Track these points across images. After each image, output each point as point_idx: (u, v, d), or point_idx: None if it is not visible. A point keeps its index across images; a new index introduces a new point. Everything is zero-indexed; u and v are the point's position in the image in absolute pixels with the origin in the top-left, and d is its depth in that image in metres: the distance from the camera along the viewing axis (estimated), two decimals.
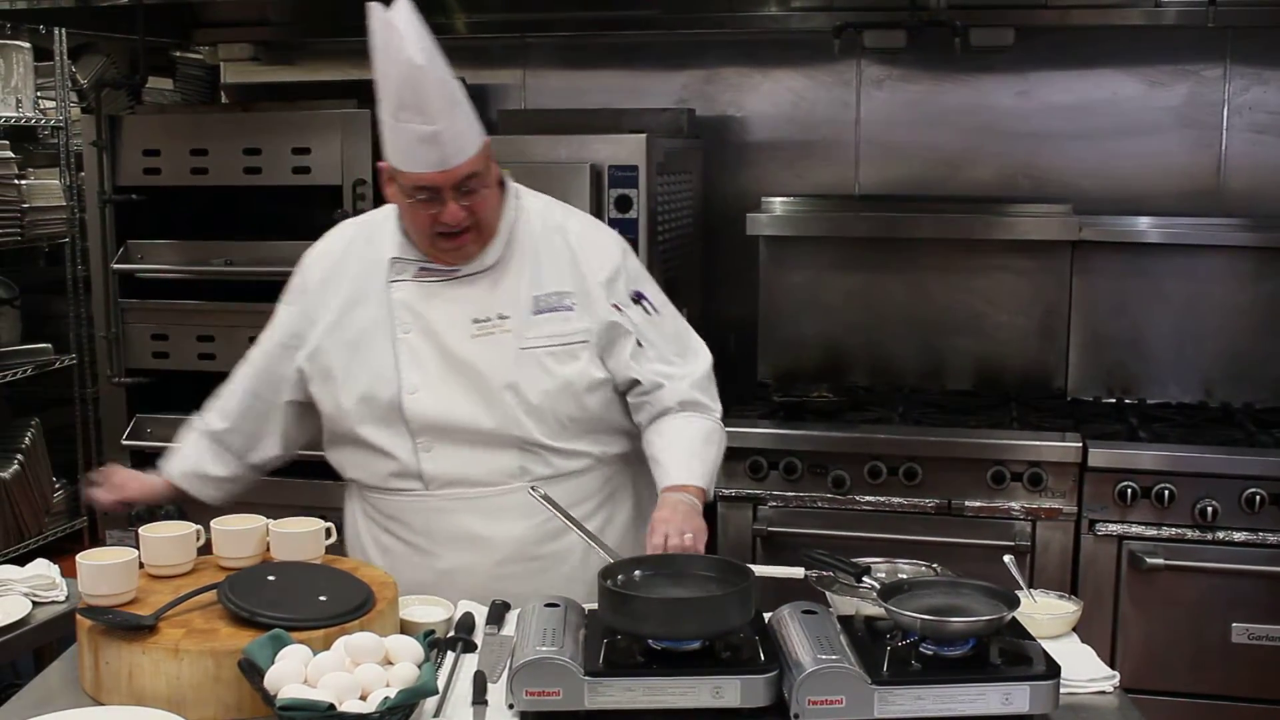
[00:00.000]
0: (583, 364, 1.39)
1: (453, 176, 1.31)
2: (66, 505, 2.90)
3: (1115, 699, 1.16)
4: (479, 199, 1.34)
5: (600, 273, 1.41)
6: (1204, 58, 2.33)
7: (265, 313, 2.23)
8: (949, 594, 1.15)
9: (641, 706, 1.06)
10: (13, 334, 2.77)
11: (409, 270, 1.40)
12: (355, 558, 1.49)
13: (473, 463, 1.38)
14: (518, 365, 1.37)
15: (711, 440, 1.41)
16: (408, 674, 1.07)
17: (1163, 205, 2.35)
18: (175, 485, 1.52)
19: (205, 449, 1.51)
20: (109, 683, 1.13)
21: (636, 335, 1.41)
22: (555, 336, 1.38)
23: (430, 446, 1.38)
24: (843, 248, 2.42)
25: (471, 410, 1.37)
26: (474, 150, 1.32)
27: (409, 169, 1.31)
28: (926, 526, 2.03)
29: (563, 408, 1.38)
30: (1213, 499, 1.94)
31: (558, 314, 1.39)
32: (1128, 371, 2.37)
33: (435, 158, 1.30)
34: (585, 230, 1.46)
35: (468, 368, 1.37)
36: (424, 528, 1.41)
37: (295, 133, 2.15)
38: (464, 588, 1.36)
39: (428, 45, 1.29)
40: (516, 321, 1.38)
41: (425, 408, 1.37)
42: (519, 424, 1.37)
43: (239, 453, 1.50)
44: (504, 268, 1.40)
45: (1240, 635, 1.95)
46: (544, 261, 1.40)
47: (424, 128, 1.28)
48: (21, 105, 2.71)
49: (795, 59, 2.48)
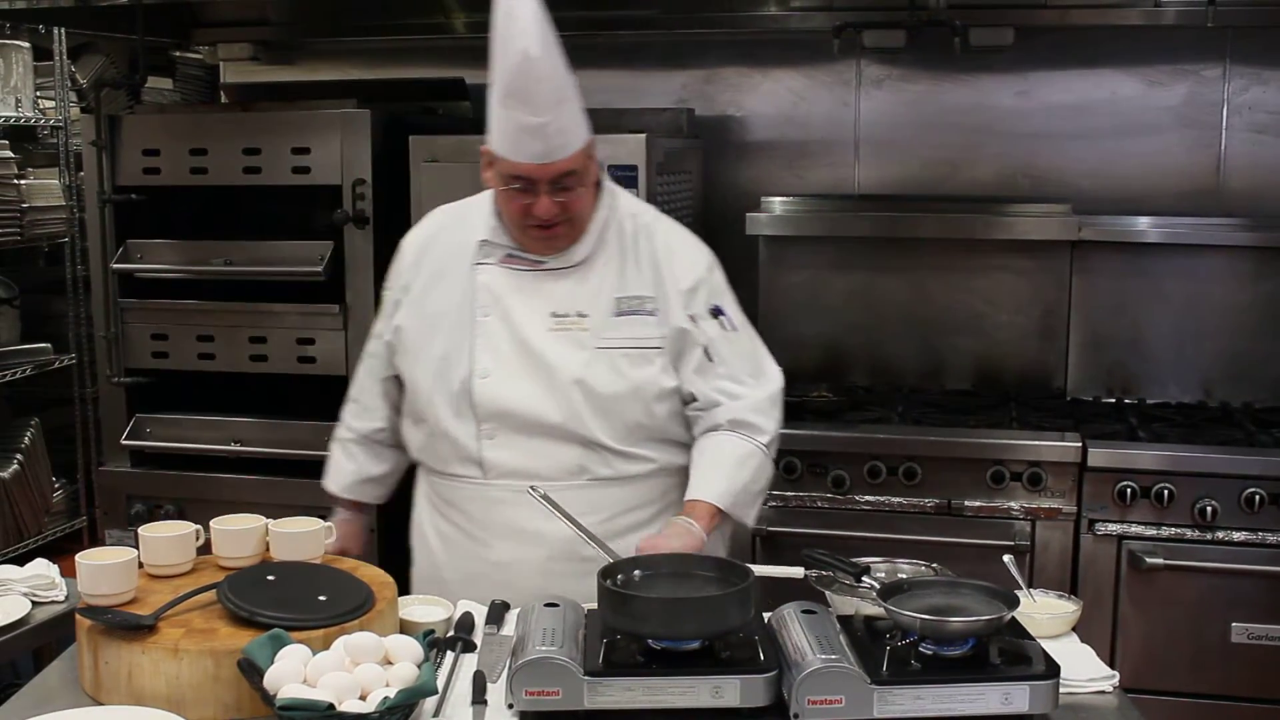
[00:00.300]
0: (655, 370, 1.39)
1: (550, 171, 1.31)
2: (66, 505, 2.90)
3: (1115, 699, 1.16)
4: (573, 196, 1.35)
5: (682, 281, 1.41)
6: (1203, 57, 2.33)
7: (265, 313, 2.26)
8: (948, 594, 1.15)
9: (641, 706, 1.06)
10: (12, 334, 2.77)
11: (496, 255, 1.41)
12: (418, 542, 1.50)
13: (533, 455, 1.38)
14: (590, 363, 1.37)
15: (746, 464, 1.40)
16: (407, 674, 1.07)
17: (1162, 205, 2.35)
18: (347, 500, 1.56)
19: (360, 454, 1.55)
20: (108, 682, 1.13)
21: (708, 349, 1.40)
22: (632, 339, 1.38)
23: (494, 434, 1.39)
24: (842, 247, 2.42)
25: (538, 401, 1.37)
26: (575, 148, 1.33)
27: (509, 157, 1.32)
28: (926, 526, 2.03)
29: (630, 411, 1.38)
30: (1212, 499, 1.94)
31: (638, 317, 1.39)
32: (1127, 371, 2.38)
33: (536, 150, 1.30)
34: (674, 238, 1.45)
35: (540, 359, 1.38)
36: (479, 516, 1.41)
37: (295, 132, 2.15)
38: (513, 582, 1.35)
39: (545, 38, 1.29)
40: (595, 321, 1.39)
41: (493, 393, 1.38)
42: (583, 421, 1.37)
43: (390, 443, 1.53)
44: (590, 266, 1.40)
45: (1240, 635, 1.95)
46: (630, 264, 1.41)
47: (529, 119, 1.29)
48: (21, 105, 2.70)
49: (795, 59, 2.49)
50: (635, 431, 1.39)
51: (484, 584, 1.36)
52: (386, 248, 2.18)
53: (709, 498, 1.36)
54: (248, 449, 2.23)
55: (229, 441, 2.25)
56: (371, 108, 2.15)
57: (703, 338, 1.41)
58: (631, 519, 1.39)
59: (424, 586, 1.47)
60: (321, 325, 2.20)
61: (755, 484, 1.42)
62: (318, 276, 2.14)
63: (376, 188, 2.15)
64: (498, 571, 1.39)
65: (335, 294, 2.19)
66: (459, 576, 1.42)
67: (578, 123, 1.33)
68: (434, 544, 1.47)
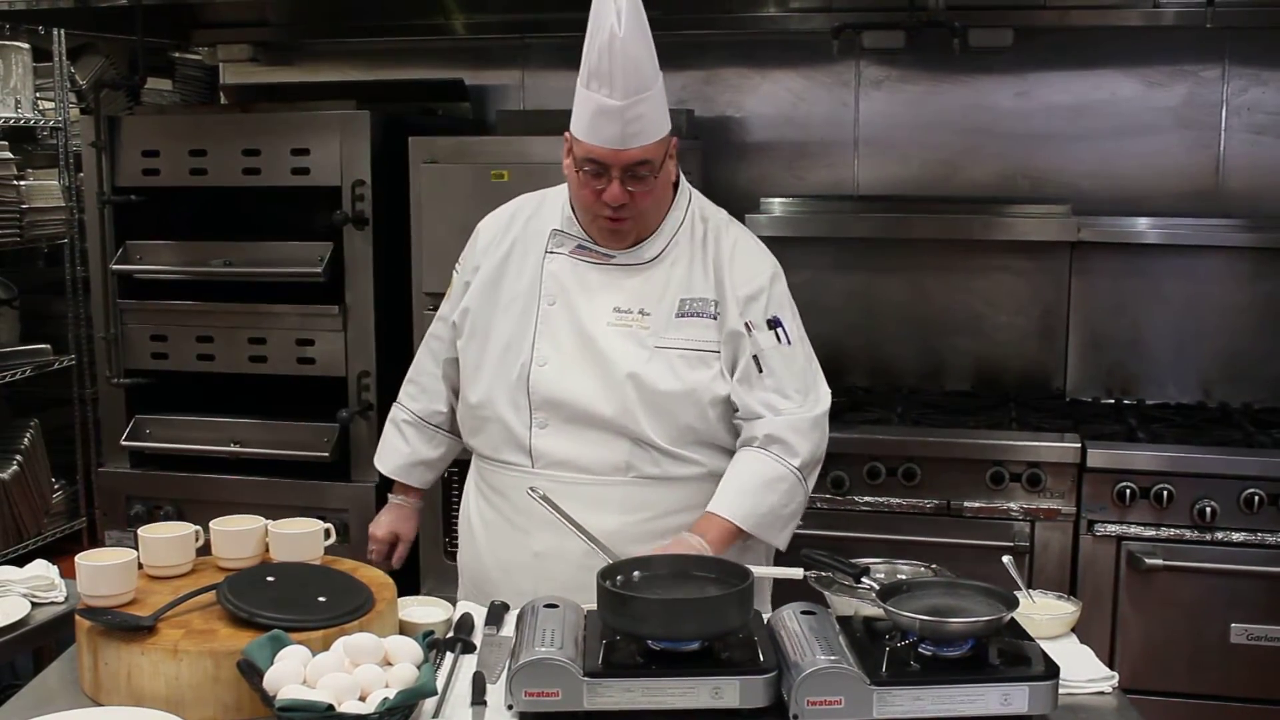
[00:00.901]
0: (712, 373, 1.38)
1: (623, 158, 1.31)
2: (65, 506, 2.90)
3: (1114, 699, 1.16)
4: (644, 188, 1.34)
5: (743, 288, 1.40)
6: (1202, 58, 2.33)
7: (264, 313, 2.26)
8: (948, 594, 1.15)
9: (641, 707, 1.06)
10: (12, 335, 2.77)
11: (567, 245, 1.42)
12: (464, 529, 1.51)
13: (583, 448, 1.38)
14: (648, 361, 1.37)
15: (775, 487, 1.37)
16: (407, 675, 1.07)
17: (1161, 206, 2.35)
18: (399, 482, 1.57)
19: (415, 436, 1.55)
20: (108, 683, 1.13)
21: (759, 358, 1.39)
22: (692, 341, 1.38)
23: (545, 423, 1.39)
24: (842, 248, 2.43)
25: (591, 394, 1.37)
26: (652, 139, 1.32)
27: (585, 138, 1.32)
28: (925, 527, 2.03)
29: (682, 413, 1.38)
30: (1211, 499, 1.95)
31: (700, 320, 1.39)
32: (1126, 372, 2.38)
33: (612, 133, 1.30)
34: (741, 243, 1.45)
35: (598, 352, 1.38)
36: (524, 505, 1.41)
37: (294, 133, 2.15)
38: (552, 573, 1.35)
39: (636, 21, 1.29)
40: (657, 320, 1.38)
41: (549, 382, 1.38)
42: (634, 417, 1.37)
43: (446, 427, 1.54)
44: (658, 265, 1.40)
45: (1239, 635, 1.95)
46: (697, 266, 1.41)
47: (608, 101, 1.29)
48: (20, 106, 2.71)
49: (794, 60, 2.49)
50: (685, 433, 1.39)
51: (524, 574, 1.36)
52: (386, 249, 2.21)
53: (727, 515, 1.35)
54: (247, 450, 2.23)
55: (228, 442, 2.25)
56: (371, 109, 2.16)
57: (755, 347, 1.39)
58: (675, 521, 1.38)
59: (465, 572, 1.48)
60: (321, 326, 2.20)
61: (785, 507, 1.39)
62: (317, 277, 2.15)
63: (376, 189, 2.15)
64: (538, 562, 1.39)
65: (334, 295, 2.19)
66: (499, 565, 1.42)
67: (658, 114, 1.33)
68: (478, 530, 1.47)
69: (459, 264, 1.52)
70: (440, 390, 1.53)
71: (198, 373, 2.29)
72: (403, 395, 1.58)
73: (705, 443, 1.41)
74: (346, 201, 2.14)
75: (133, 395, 2.30)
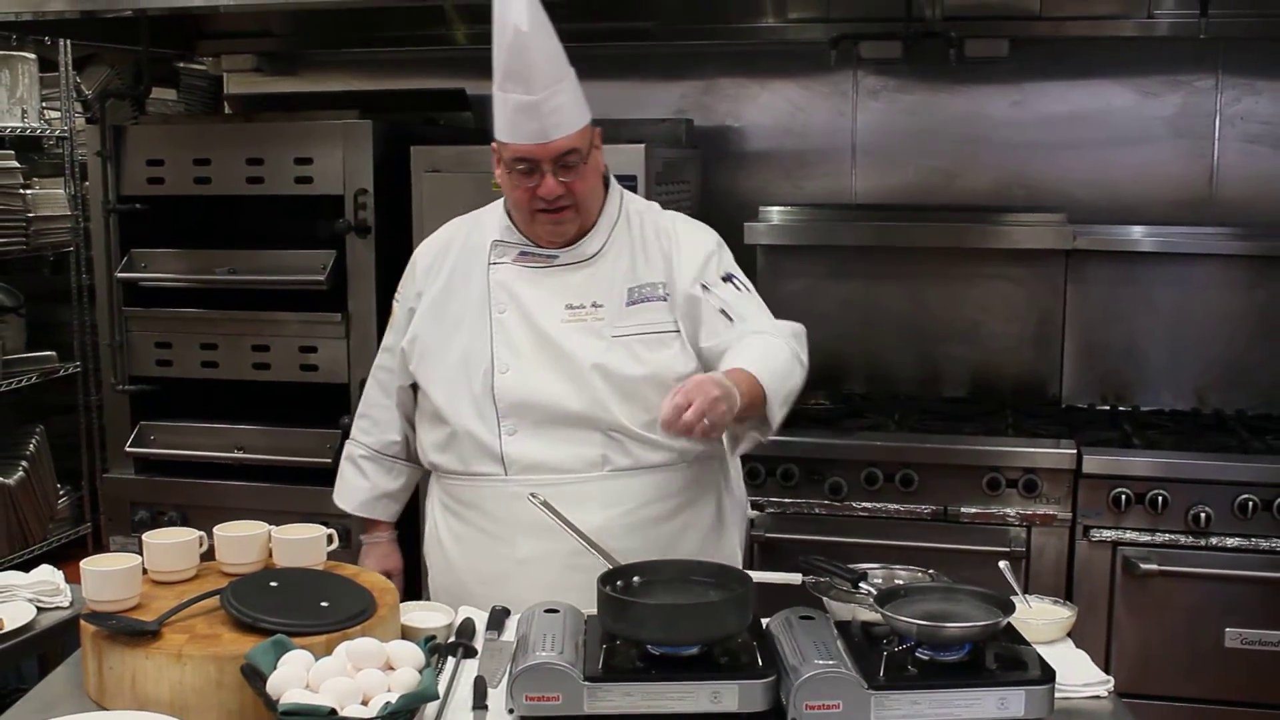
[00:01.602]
0: (673, 353, 1.39)
1: (551, 150, 1.32)
2: (70, 512, 2.91)
3: (1110, 703, 1.17)
4: (577, 176, 1.35)
5: (692, 259, 1.42)
6: (1196, 69, 2.35)
7: (268, 321, 2.28)
8: (945, 599, 1.16)
9: (640, 711, 1.07)
10: (18, 342, 2.78)
11: (509, 253, 1.42)
12: (432, 550, 1.50)
13: (555, 448, 1.38)
14: (608, 350, 1.38)
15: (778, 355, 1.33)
16: (409, 679, 1.08)
17: (1156, 214, 2.37)
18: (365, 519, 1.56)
19: (373, 470, 1.55)
20: (113, 688, 1.14)
21: (726, 310, 1.40)
22: (646, 325, 1.39)
23: (515, 429, 1.39)
24: (839, 256, 2.44)
25: (559, 391, 1.38)
26: (575, 128, 1.34)
27: (509, 140, 1.33)
28: (922, 532, 2.04)
29: (651, 397, 1.37)
30: (1206, 505, 1.96)
31: (650, 304, 1.40)
32: (1121, 379, 2.39)
33: (534, 129, 1.31)
34: (681, 223, 1.48)
35: (558, 349, 1.38)
36: (503, 514, 1.40)
37: (297, 143, 2.17)
38: (537, 579, 1.34)
39: (536, 16, 1.31)
40: (610, 311, 1.39)
41: (514, 386, 1.39)
42: (605, 407, 1.37)
43: (402, 456, 1.54)
44: (602, 259, 1.41)
45: (1233, 640, 1.96)
46: (639, 256, 1.42)
47: (525, 97, 1.30)
48: (27, 116, 2.73)
49: (792, 70, 2.51)
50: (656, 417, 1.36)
51: (507, 583, 1.35)
52: (388, 257, 2.22)
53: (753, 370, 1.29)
54: (251, 456, 2.24)
55: (232, 449, 2.26)
56: (373, 118, 2.17)
57: (718, 301, 1.40)
58: (653, 511, 1.39)
59: (441, 594, 1.46)
60: (323, 334, 2.22)
61: (790, 379, 1.35)
62: (320, 285, 2.16)
63: (378, 197, 2.16)
64: (522, 569, 1.39)
65: (337, 303, 2.20)
66: (479, 578, 1.41)
67: (576, 102, 1.34)
68: (450, 548, 1.46)
69: (398, 294, 1.51)
70: (393, 420, 1.52)
71: (202, 380, 2.30)
72: (355, 431, 1.56)
73: None
74: (349, 210, 2.15)
75: (137, 402, 2.32)
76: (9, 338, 2.76)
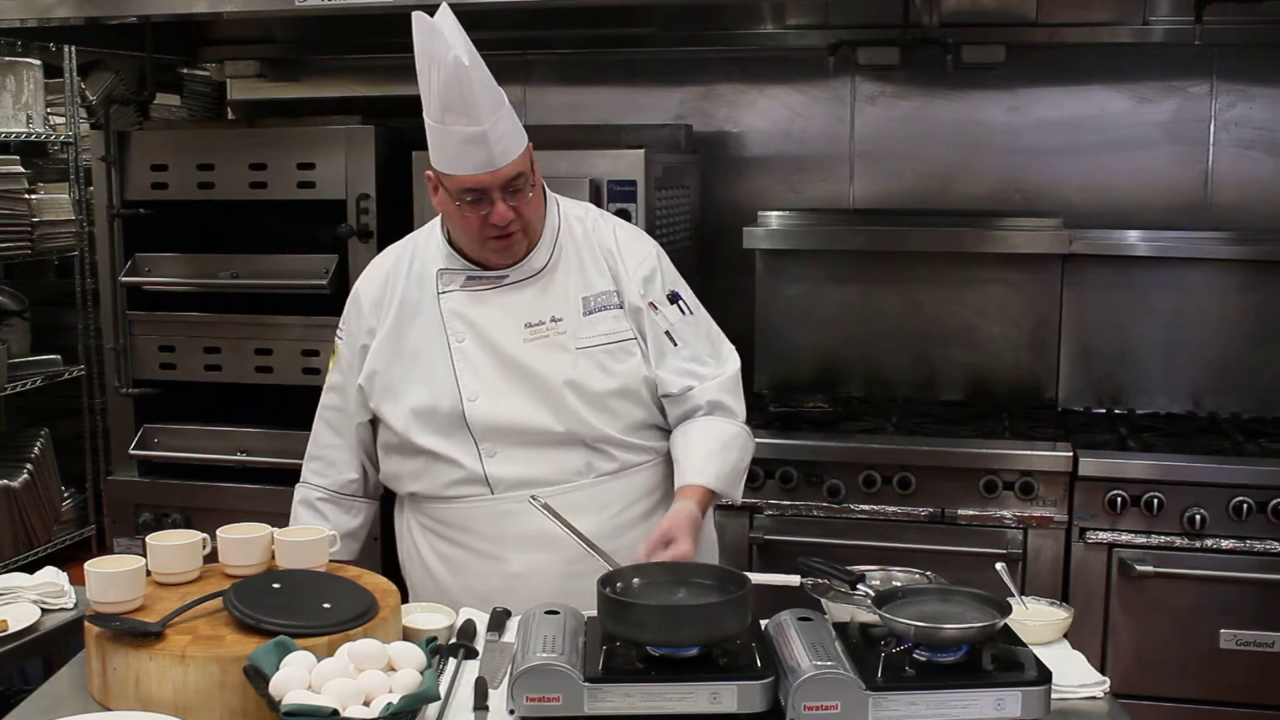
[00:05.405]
0: (638, 360, 1.40)
1: (500, 177, 1.32)
2: (75, 514, 2.93)
3: (1105, 704, 1.17)
4: (525, 200, 1.36)
5: (636, 271, 1.42)
6: (1191, 74, 2.36)
7: (271, 324, 2.29)
8: (942, 601, 1.16)
9: (640, 712, 1.07)
10: (22, 345, 2.80)
11: (456, 280, 1.41)
12: (414, 571, 1.48)
13: (539, 463, 1.38)
14: (575, 364, 1.38)
15: (732, 446, 1.42)
16: (410, 680, 1.09)
17: (1151, 219, 2.38)
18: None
19: (332, 511, 1.51)
20: (116, 688, 1.14)
21: (670, 333, 1.42)
22: (608, 335, 1.40)
23: (495, 451, 1.39)
24: (837, 260, 2.45)
25: (534, 411, 1.38)
26: (518, 151, 1.34)
27: (456, 171, 1.32)
28: (920, 535, 2.05)
29: (624, 406, 1.39)
30: (1201, 507, 1.97)
31: (607, 313, 1.40)
32: (1117, 382, 2.40)
33: (482, 158, 1.31)
34: (621, 230, 1.47)
35: (525, 370, 1.38)
36: (493, 533, 1.40)
37: (300, 148, 2.18)
38: (535, 591, 1.33)
39: (471, 48, 1.31)
40: (569, 323, 1.39)
41: (487, 413, 1.38)
42: (582, 421, 1.38)
43: (360, 494, 1.52)
44: (551, 272, 1.41)
45: (1228, 641, 1.97)
46: (588, 263, 1.42)
47: (470, 129, 1.29)
48: (32, 121, 2.75)
49: (791, 76, 2.52)
50: (635, 423, 1.41)
51: (503, 598, 1.35)
52: None
53: (701, 481, 1.37)
54: (254, 459, 2.25)
55: (235, 451, 2.27)
56: (375, 124, 2.19)
57: (664, 324, 1.42)
58: (635, 511, 1.40)
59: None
60: (326, 337, 2.18)
61: (742, 462, 1.44)
62: (322, 289, 2.18)
63: (380, 202, 2.18)
64: (518, 583, 1.38)
65: (339, 307, 2.18)
66: (473, 597, 1.40)
67: (516, 127, 1.34)
68: (437, 570, 1.45)
69: (341, 331, 1.48)
70: (349, 460, 1.49)
71: (205, 383, 2.31)
72: (307, 474, 1.51)
73: (651, 427, 1.43)
74: (351, 215, 2.17)
75: (141, 405, 2.33)
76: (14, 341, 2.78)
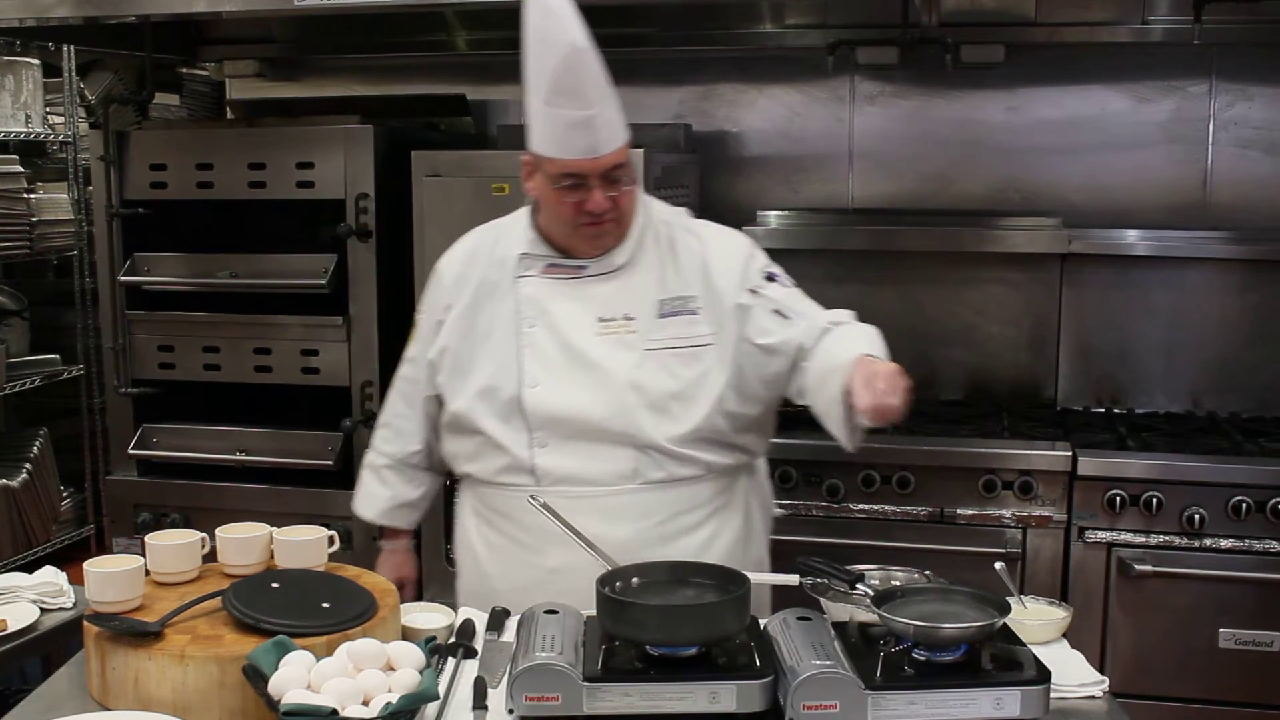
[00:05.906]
0: (706, 366, 1.38)
1: (601, 164, 1.31)
2: (74, 513, 2.93)
3: (1105, 703, 1.17)
4: (623, 191, 1.35)
5: (730, 272, 1.40)
6: (1190, 74, 2.36)
7: (270, 324, 2.29)
8: (941, 601, 1.17)
9: (639, 711, 1.07)
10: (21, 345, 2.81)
11: (537, 266, 1.41)
12: (463, 553, 1.50)
13: (587, 460, 1.38)
14: (640, 364, 1.37)
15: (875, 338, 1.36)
16: (409, 680, 1.09)
17: (1150, 218, 2.38)
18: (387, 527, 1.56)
19: (394, 478, 1.53)
20: (116, 688, 1.14)
21: (780, 310, 1.39)
22: (680, 339, 1.38)
23: (546, 442, 1.38)
24: (837, 260, 2.45)
25: (591, 406, 1.37)
26: (621, 141, 1.33)
27: (559, 155, 1.31)
28: (919, 534, 2.05)
29: (684, 412, 1.37)
30: (1200, 507, 1.97)
31: (682, 317, 1.38)
32: (1116, 381, 2.41)
33: (587, 143, 1.30)
34: (710, 231, 1.46)
35: (591, 364, 1.37)
36: (534, 524, 1.38)
37: (299, 148, 2.18)
38: (570, 588, 1.30)
39: (586, 31, 1.30)
40: (642, 323, 1.38)
41: (545, 402, 1.38)
42: (636, 423, 1.36)
43: (423, 466, 1.53)
44: (631, 270, 1.40)
45: (1227, 640, 1.98)
46: (669, 267, 1.41)
47: (578, 113, 1.29)
48: (31, 121, 2.75)
49: (790, 75, 2.52)
50: (689, 432, 1.39)
51: (538, 592, 1.34)
52: (389, 261, 2.24)
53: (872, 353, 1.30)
54: (253, 458, 2.26)
55: (234, 451, 2.27)
56: (374, 123, 2.19)
57: (770, 303, 1.40)
58: (683, 522, 1.39)
59: (471, 599, 1.46)
60: (325, 337, 2.23)
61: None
62: (321, 289, 2.18)
63: (379, 202, 2.18)
64: (553, 578, 1.37)
65: (338, 306, 2.22)
66: (511, 586, 1.40)
67: (621, 118, 1.34)
68: (482, 555, 1.46)
69: (423, 306, 1.50)
70: (415, 431, 1.51)
71: (204, 382, 2.31)
72: (377, 440, 1.55)
73: (708, 439, 1.41)
74: (350, 214, 2.17)
75: (140, 405, 2.33)
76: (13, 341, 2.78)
